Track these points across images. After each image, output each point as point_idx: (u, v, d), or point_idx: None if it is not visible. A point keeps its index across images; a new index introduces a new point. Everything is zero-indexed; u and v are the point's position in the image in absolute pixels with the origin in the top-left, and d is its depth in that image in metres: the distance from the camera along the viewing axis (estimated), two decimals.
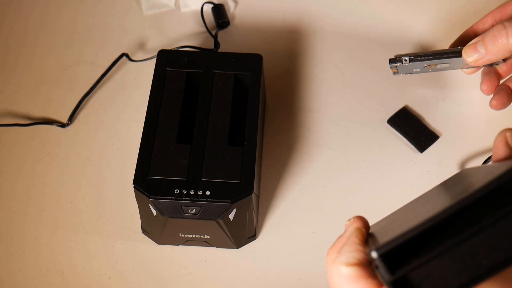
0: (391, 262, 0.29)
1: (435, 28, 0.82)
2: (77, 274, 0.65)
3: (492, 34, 0.57)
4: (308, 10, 0.84)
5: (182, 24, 0.83)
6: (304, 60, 0.79)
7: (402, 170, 0.71)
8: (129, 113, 0.75)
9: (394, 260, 0.29)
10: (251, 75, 0.68)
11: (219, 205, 0.59)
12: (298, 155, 0.72)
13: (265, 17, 0.83)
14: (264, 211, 0.68)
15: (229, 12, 0.83)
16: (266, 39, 0.81)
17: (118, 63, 0.78)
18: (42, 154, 0.72)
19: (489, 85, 0.62)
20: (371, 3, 0.84)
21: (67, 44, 0.81)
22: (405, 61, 0.64)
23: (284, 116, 0.75)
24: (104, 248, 0.66)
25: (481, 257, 0.27)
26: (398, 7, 0.84)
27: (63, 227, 0.67)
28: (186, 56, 0.70)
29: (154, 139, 0.63)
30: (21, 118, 0.75)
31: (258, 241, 0.67)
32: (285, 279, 0.64)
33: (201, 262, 0.65)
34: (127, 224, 0.67)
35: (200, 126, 0.64)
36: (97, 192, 0.70)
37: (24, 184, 0.70)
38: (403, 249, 0.28)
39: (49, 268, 0.65)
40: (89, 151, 0.73)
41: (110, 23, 0.83)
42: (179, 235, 0.63)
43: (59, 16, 0.84)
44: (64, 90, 0.77)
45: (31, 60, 0.80)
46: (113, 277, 0.65)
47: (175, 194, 0.59)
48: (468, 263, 0.27)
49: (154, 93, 0.66)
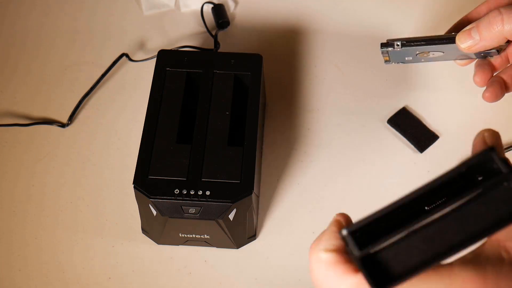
0: (360, 240, 0.30)
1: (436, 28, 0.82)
2: (77, 274, 0.65)
3: (487, 20, 0.55)
4: (308, 10, 0.84)
5: (182, 24, 0.83)
6: (304, 60, 0.79)
7: (402, 170, 0.71)
8: (129, 113, 0.75)
9: (363, 238, 0.30)
10: (251, 75, 0.68)
11: (219, 205, 0.59)
12: (298, 155, 0.72)
13: (265, 17, 0.83)
14: (264, 211, 0.68)
15: (229, 12, 0.83)
16: (266, 39, 0.81)
17: (118, 63, 0.78)
18: (42, 154, 0.72)
19: (482, 77, 0.60)
20: (371, 3, 0.84)
21: (67, 44, 0.81)
22: (397, 46, 0.61)
23: (284, 116, 0.75)
24: (104, 248, 0.66)
25: (449, 237, 0.29)
26: (398, 7, 0.84)
27: (63, 227, 0.67)
28: (186, 56, 0.70)
29: (154, 139, 0.63)
30: (21, 118, 0.75)
31: (258, 241, 0.67)
32: (285, 279, 0.64)
33: (201, 262, 0.65)
34: (127, 224, 0.67)
35: (200, 126, 0.64)
36: (97, 192, 0.70)
37: (24, 184, 0.70)
38: (372, 228, 0.29)
39: (49, 268, 0.65)
40: (89, 151, 0.73)
41: (110, 23, 0.83)
42: (179, 235, 0.63)
43: (59, 16, 0.84)
44: (64, 90, 0.77)
45: (31, 60, 0.80)
46: (113, 277, 0.65)
47: (175, 194, 0.59)
48: (436, 242, 0.29)
49: (154, 93, 0.66)
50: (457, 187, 0.30)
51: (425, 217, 0.29)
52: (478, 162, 0.29)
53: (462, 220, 0.29)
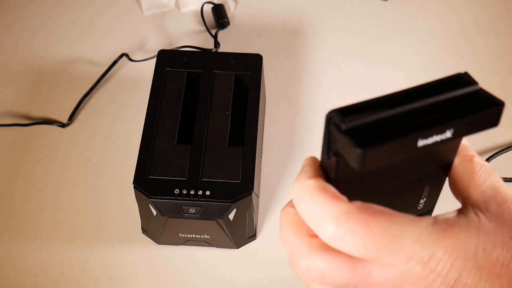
0: (345, 115, 0.30)
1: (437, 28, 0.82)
2: (77, 274, 0.65)
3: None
4: (308, 10, 0.84)
5: (182, 24, 0.83)
6: (304, 60, 0.79)
7: None
8: (129, 113, 0.75)
9: (348, 116, 0.30)
10: (251, 75, 0.68)
11: (219, 205, 0.59)
12: (298, 155, 0.72)
13: (265, 17, 0.83)
14: (264, 211, 0.68)
15: (229, 12, 0.83)
16: (266, 39, 0.81)
17: (118, 63, 0.78)
18: (42, 154, 0.72)
19: None
20: (371, 3, 0.84)
21: (67, 44, 0.81)
22: None
23: (284, 116, 0.75)
24: (104, 248, 0.66)
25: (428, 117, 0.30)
26: (398, 7, 0.84)
27: (63, 227, 0.67)
28: (186, 56, 0.70)
29: (154, 139, 0.63)
30: (21, 118, 0.75)
31: (258, 241, 0.67)
32: (285, 279, 0.64)
33: (201, 262, 0.65)
34: (127, 224, 0.67)
35: (200, 126, 0.64)
36: (97, 192, 0.70)
37: (24, 184, 0.70)
38: (358, 111, 0.30)
39: (49, 268, 0.65)
40: (89, 151, 0.73)
41: (110, 23, 0.83)
42: (179, 235, 0.63)
43: (59, 16, 0.84)
44: (64, 90, 0.77)
45: (31, 60, 0.80)
46: (113, 277, 0.65)
47: (175, 194, 0.59)
48: (415, 120, 0.30)
49: (154, 93, 0.66)
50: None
51: (405, 106, 0.30)
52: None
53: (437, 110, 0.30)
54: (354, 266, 0.30)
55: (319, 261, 0.30)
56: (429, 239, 0.29)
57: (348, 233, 0.29)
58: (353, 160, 0.28)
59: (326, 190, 0.30)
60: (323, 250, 0.30)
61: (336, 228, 0.29)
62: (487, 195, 0.32)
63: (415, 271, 0.29)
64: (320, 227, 0.30)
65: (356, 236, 0.28)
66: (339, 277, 0.30)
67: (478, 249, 0.29)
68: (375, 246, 0.28)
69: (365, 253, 0.29)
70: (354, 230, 0.28)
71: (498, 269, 0.29)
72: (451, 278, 0.28)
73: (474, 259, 0.29)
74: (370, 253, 0.29)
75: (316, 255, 0.30)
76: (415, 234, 0.29)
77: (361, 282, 0.30)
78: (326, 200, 0.30)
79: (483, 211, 0.31)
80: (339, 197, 0.30)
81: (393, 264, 0.29)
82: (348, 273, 0.30)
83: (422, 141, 0.29)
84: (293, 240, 0.32)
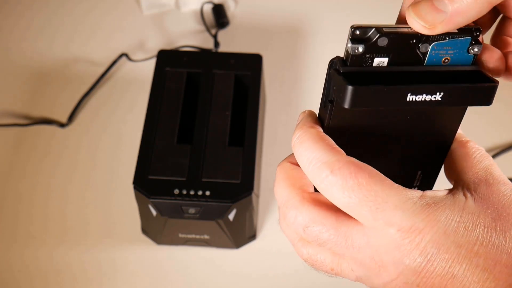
0: (346, 63, 0.32)
1: None
2: (77, 274, 0.65)
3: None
4: (308, 10, 0.84)
5: (182, 24, 0.83)
6: (304, 60, 0.79)
7: None
8: (128, 113, 0.75)
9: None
10: (251, 75, 0.68)
11: (219, 205, 0.59)
12: None
13: (265, 17, 0.83)
14: (264, 211, 0.68)
15: (229, 12, 0.83)
16: (266, 39, 0.81)
17: (118, 63, 0.78)
18: (41, 154, 0.72)
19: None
20: (371, 3, 0.84)
21: (66, 44, 0.81)
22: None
23: (284, 116, 0.75)
24: (104, 248, 0.66)
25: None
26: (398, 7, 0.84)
27: (63, 227, 0.67)
28: (186, 56, 0.70)
29: (154, 139, 0.63)
30: (21, 118, 0.75)
31: (258, 241, 0.67)
32: (285, 279, 0.64)
33: (201, 262, 0.65)
34: (127, 224, 0.67)
35: (200, 126, 0.64)
36: (97, 192, 0.70)
37: (25, 184, 0.70)
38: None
39: (49, 268, 0.65)
40: (88, 151, 0.73)
41: (110, 23, 0.83)
42: (179, 235, 0.63)
43: (59, 16, 0.84)
44: (64, 90, 0.77)
45: (31, 60, 0.80)
46: (113, 277, 0.64)
47: (175, 194, 0.59)
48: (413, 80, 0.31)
49: (154, 93, 0.66)
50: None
51: (405, 68, 0.31)
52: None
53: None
54: (337, 225, 0.31)
55: (306, 213, 0.31)
56: (412, 209, 0.29)
57: (339, 180, 0.30)
58: (344, 99, 0.30)
59: (327, 140, 0.32)
60: (312, 203, 0.32)
61: (330, 174, 0.30)
62: (479, 176, 0.32)
63: (393, 238, 0.29)
64: (315, 171, 0.31)
65: (345, 185, 0.29)
66: (320, 232, 0.31)
67: (459, 226, 0.29)
68: (359, 200, 0.29)
69: (348, 205, 0.30)
70: (345, 179, 0.29)
71: (477, 247, 0.29)
72: (429, 251, 0.29)
73: (454, 235, 0.29)
74: (353, 206, 0.29)
75: (305, 207, 0.32)
76: (400, 201, 0.29)
77: (341, 243, 0.31)
78: (326, 147, 0.31)
79: (472, 192, 0.31)
80: (337, 148, 0.31)
81: (373, 226, 0.29)
82: (330, 230, 0.31)
83: (411, 96, 0.30)
84: (286, 191, 0.33)
